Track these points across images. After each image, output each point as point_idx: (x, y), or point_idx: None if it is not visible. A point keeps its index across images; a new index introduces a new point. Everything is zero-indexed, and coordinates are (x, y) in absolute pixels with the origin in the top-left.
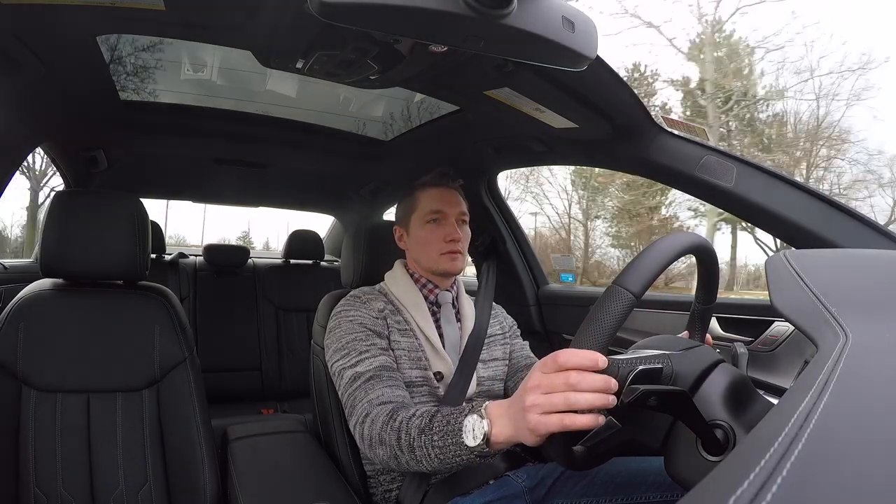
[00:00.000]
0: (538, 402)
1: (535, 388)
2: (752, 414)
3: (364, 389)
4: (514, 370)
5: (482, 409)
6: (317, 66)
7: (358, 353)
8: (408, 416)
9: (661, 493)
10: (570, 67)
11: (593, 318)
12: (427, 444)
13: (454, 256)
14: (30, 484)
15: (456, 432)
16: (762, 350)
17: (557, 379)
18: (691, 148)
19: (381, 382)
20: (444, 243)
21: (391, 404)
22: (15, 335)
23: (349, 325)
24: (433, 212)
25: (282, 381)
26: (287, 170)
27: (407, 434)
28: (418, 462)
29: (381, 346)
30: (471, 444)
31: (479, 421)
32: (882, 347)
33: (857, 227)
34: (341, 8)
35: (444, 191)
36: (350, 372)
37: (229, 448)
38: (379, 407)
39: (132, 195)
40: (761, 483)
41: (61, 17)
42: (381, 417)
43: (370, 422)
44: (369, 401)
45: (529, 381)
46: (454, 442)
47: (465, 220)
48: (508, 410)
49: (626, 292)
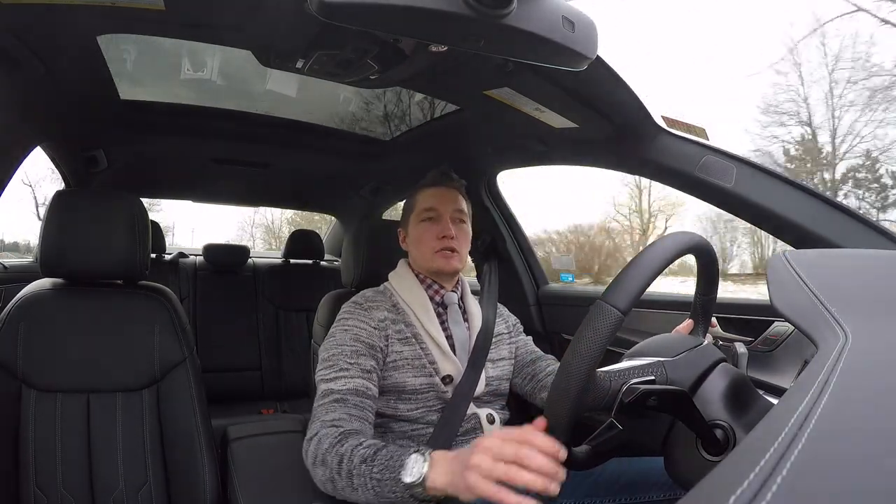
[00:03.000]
0: (481, 464)
1: (486, 451)
2: (752, 414)
3: (326, 409)
4: (521, 365)
5: (428, 452)
6: (317, 66)
7: (338, 370)
8: (355, 444)
9: (664, 492)
10: (570, 67)
11: (581, 338)
12: (366, 474)
13: (447, 254)
14: (30, 483)
15: (396, 468)
16: (762, 350)
17: (509, 448)
18: (691, 148)
19: (345, 407)
20: (437, 241)
21: (342, 430)
22: (15, 335)
23: (343, 335)
24: (427, 209)
25: (282, 381)
26: (287, 170)
27: (349, 461)
28: (354, 490)
29: (365, 367)
30: (407, 480)
31: (422, 462)
32: (882, 347)
33: (857, 227)
34: (341, 8)
35: (441, 189)
36: (325, 386)
37: (229, 448)
38: (330, 429)
39: (132, 195)
40: (761, 483)
41: (61, 17)
42: (329, 439)
43: (317, 440)
44: (323, 421)
45: (483, 442)
46: (392, 477)
47: (462, 218)
48: (452, 462)
49: (612, 309)
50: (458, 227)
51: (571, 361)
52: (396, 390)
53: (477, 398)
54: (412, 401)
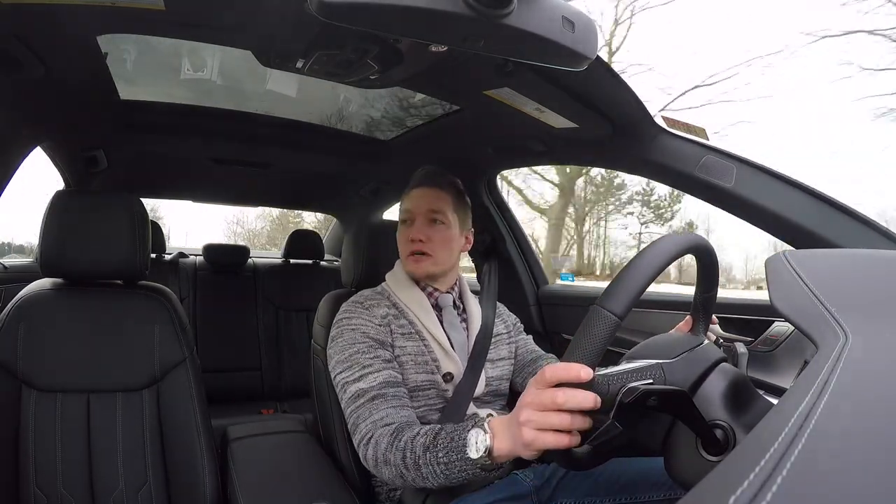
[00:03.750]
0: (532, 418)
1: (529, 405)
2: (752, 414)
3: (368, 409)
4: (522, 365)
5: (485, 422)
6: (317, 66)
7: (361, 367)
8: (412, 436)
9: (664, 492)
10: (570, 67)
11: (577, 345)
12: (432, 461)
13: (417, 258)
14: (30, 483)
15: (460, 448)
16: (762, 350)
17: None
18: (691, 148)
19: (386, 402)
20: (408, 244)
21: (394, 425)
22: (15, 335)
23: (351, 334)
24: (403, 211)
25: (282, 381)
26: (287, 170)
27: (412, 452)
28: (424, 479)
29: (385, 357)
30: (474, 456)
31: (482, 434)
32: (882, 347)
33: (857, 227)
34: (341, 8)
35: (421, 190)
36: (354, 388)
37: (229, 448)
38: (383, 428)
39: (132, 195)
40: (761, 483)
41: (61, 17)
42: (385, 438)
43: (374, 443)
44: (373, 422)
45: (525, 397)
46: (459, 457)
47: (437, 218)
48: (509, 425)
49: (609, 315)
50: (432, 229)
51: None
52: None
53: (477, 398)
54: (414, 398)
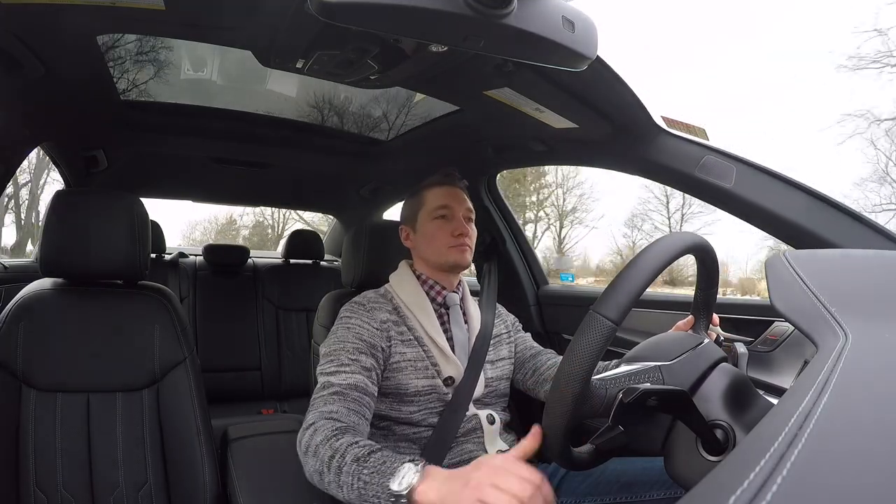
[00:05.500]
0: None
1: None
2: (752, 414)
3: (324, 400)
4: (522, 361)
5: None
6: (317, 66)
7: (339, 364)
8: (350, 442)
9: (664, 492)
10: (570, 67)
11: (573, 351)
12: (355, 474)
13: (463, 249)
14: (30, 483)
15: (386, 473)
16: (762, 350)
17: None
18: (691, 148)
19: (344, 401)
20: (452, 237)
21: (340, 424)
22: (15, 335)
23: (345, 332)
24: (441, 207)
25: (282, 381)
26: (287, 169)
27: (341, 457)
28: (339, 487)
29: (365, 364)
30: (393, 488)
31: (412, 472)
32: (882, 347)
33: (857, 227)
34: (341, 8)
35: (451, 189)
36: (324, 379)
37: (229, 448)
38: (328, 421)
39: (132, 195)
40: (761, 483)
41: (61, 17)
42: (325, 432)
43: (313, 430)
44: (321, 412)
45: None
46: (379, 482)
47: (470, 217)
48: (448, 479)
49: (604, 321)
50: (468, 226)
51: (564, 373)
52: (398, 392)
53: (477, 399)
54: (414, 403)
